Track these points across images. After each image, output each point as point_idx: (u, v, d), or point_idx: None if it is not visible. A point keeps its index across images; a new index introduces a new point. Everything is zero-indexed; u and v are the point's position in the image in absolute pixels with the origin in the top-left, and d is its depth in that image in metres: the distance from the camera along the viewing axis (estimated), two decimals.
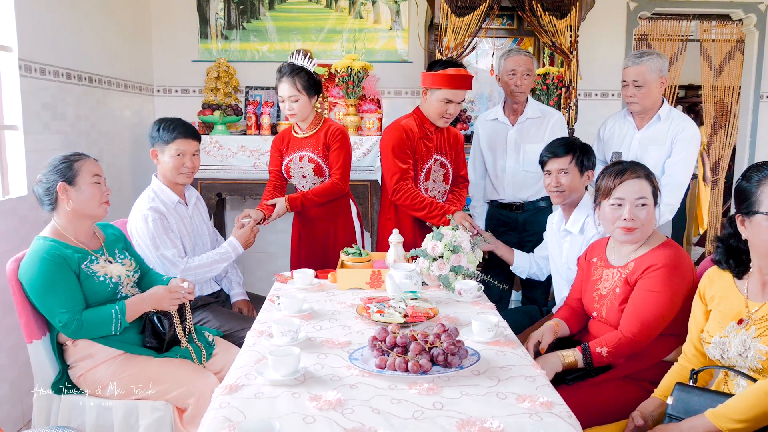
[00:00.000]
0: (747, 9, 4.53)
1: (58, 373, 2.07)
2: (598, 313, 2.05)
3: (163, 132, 2.51)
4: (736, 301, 1.64)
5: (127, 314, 2.03)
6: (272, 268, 4.35)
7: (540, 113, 3.08)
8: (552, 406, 1.35)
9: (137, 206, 2.49)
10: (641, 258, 1.95)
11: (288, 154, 2.91)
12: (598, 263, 2.11)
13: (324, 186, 2.83)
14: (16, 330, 2.57)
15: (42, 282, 1.94)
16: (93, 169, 2.09)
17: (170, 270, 2.42)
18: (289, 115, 2.81)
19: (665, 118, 2.80)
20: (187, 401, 2.02)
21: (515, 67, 2.99)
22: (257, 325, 1.92)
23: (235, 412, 1.33)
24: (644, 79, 2.71)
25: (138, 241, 2.43)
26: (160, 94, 4.37)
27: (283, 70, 2.79)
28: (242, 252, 2.62)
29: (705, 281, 1.76)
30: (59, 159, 2.07)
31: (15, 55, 2.68)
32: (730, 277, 1.69)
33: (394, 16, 4.37)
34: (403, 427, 1.27)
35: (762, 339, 1.53)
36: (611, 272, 2.03)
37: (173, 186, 2.55)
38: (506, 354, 1.67)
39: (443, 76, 2.68)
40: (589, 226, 2.37)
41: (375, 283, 2.30)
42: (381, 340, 1.59)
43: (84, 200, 2.05)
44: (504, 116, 3.11)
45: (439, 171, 2.88)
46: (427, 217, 2.75)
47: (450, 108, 2.72)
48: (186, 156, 2.52)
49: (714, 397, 1.57)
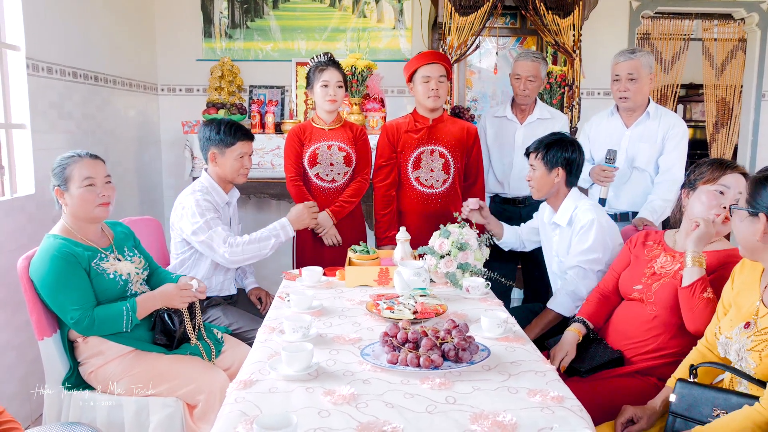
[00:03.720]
0: (749, 8, 4.54)
1: (69, 370, 2.09)
2: (643, 289, 2.01)
3: (225, 135, 2.57)
4: (752, 299, 1.60)
5: (137, 311, 2.05)
6: (275, 266, 4.35)
7: (549, 115, 3.25)
8: (563, 400, 1.37)
9: (184, 192, 2.58)
10: (713, 255, 1.92)
11: (312, 143, 2.98)
12: (654, 246, 2.10)
13: (354, 188, 3.03)
14: (24, 328, 2.59)
15: (53, 279, 1.96)
16: (84, 172, 2.04)
17: (213, 240, 2.45)
18: (331, 101, 2.93)
19: (654, 115, 2.84)
20: (197, 397, 2.04)
21: (520, 72, 3.16)
22: (268, 322, 1.93)
23: (250, 406, 1.34)
24: (639, 73, 2.75)
25: (181, 212, 2.49)
26: (164, 93, 4.38)
27: (321, 61, 2.95)
28: (291, 234, 2.63)
29: (738, 267, 1.72)
30: (57, 162, 2.07)
31: (23, 54, 2.69)
32: (758, 273, 1.63)
33: (398, 15, 4.38)
34: (417, 420, 1.28)
35: (752, 354, 1.50)
36: (672, 256, 2.01)
37: (225, 185, 2.63)
38: (516, 350, 1.69)
39: (415, 58, 2.94)
40: (577, 219, 2.38)
41: (383, 280, 2.31)
42: (392, 336, 1.61)
43: (77, 205, 2.04)
44: (512, 114, 3.27)
45: (437, 161, 2.98)
46: (379, 216, 3.02)
47: (431, 84, 2.87)
48: (245, 157, 2.61)
49: (718, 394, 1.55)
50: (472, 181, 3.10)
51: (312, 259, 2.95)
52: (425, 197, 3.00)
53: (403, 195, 3.04)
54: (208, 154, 2.59)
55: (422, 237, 2.61)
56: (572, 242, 2.40)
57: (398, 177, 3.02)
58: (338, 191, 3.01)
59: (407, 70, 2.96)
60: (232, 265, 2.52)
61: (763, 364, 1.47)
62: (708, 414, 1.54)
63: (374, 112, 4.07)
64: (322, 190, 3.00)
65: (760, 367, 1.48)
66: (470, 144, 3.04)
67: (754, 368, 1.49)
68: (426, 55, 2.93)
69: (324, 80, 2.91)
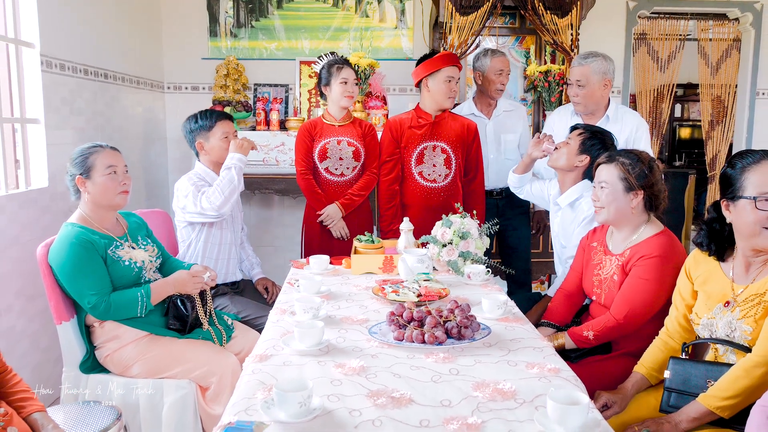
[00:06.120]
0: (743, 8, 4.64)
1: (86, 354, 2.17)
2: (598, 297, 2.15)
3: (203, 120, 2.72)
4: (722, 283, 1.72)
5: (152, 297, 2.13)
6: (279, 262, 4.45)
7: (512, 107, 3.45)
8: (559, 372, 1.46)
9: (180, 180, 2.69)
10: (637, 246, 2.05)
11: (322, 138, 3.10)
12: (598, 248, 2.21)
13: (364, 181, 3.13)
14: (38, 317, 2.67)
15: (72, 265, 2.04)
16: (107, 161, 2.15)
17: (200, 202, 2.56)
18: (348, 97, 3.06)
19: (614, 118, 2.93)
20: (210, 380, 2.12)
21: (503, 67, 3.33)
22: (279, 305, 2.02)
23: (267, 377, 1.43)
24: (586, 80, 2.85)
25: (176, 194, 2.63)
26: (170, 91, 4.47)
27: (339, 59, 3.09)
28: (244, 159, 2.67)
29: (691, 261, 1.85)
30: (78, 152, 2.17)
31: (37, 51, 2.78)
32: (715, 263, 1.77)
33: (400, 14, 4.47)
34: (423, 388, 1.37)
35: (746, 320, 1.62)
36: (609, 259, 2.13)
37: (216, 168, 2.74)
38: (515, 329, 1.78)
39: (439, 58, 3.03)
40: (580, 208, 2.47)
41: (387, 268, 2.40)
42: (398, 315, 1.70)
43: (99, 192, 2.14)
44: (478, 111, 3.43)
45: (439, 156, 3.09)
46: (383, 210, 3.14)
47: (452, 85, 3.02)
48: (230, 136, 2.73)
49: (709, 367, 1.66)
50: (472, 175, 3.20)
51: (320, 252, 3.04)
52: (428, 191, 3.10)
53: (407, 189, 3.13)
54: (196, 145, 2.73)
55: (425, 229, 2.70)
56: (574, 231, 2.49)
57: (401, 172, 3.11)
58: (347, 185, 3.12)
59: (428, 68, 3.02)
60: (220, 209, 2.57)
61: (758, 326, 1.59)
62: (702, 386, 1.64)
63: (377, 110, 4.16)
64: (332, 183, 3.10)
65: (756, 330, 1.59)
66: (470, 140, 3.14)
67: (750, 332, 1.60)
68: (452, 57, 3.05)
69: (343, 77, 3.04)
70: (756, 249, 1.62)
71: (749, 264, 1.67)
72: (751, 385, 1.52)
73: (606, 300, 2.10)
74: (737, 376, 1.55)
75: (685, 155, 8.49)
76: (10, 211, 2.53)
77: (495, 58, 3.33)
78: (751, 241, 1.61)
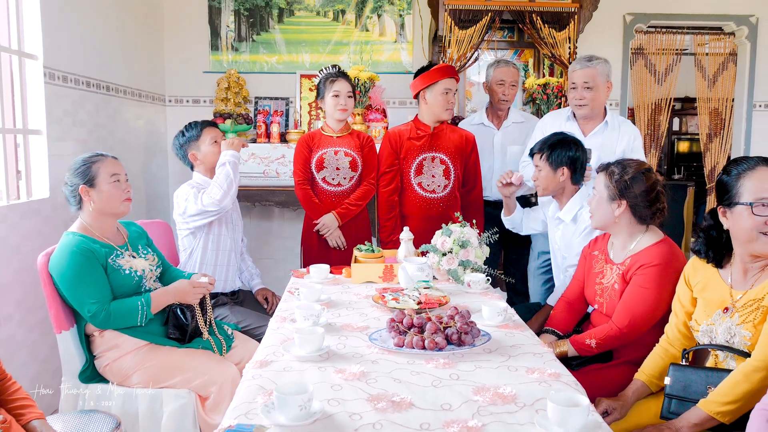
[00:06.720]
0: (739, 21, 4.69)
1: (85, 363, 2.16)
2: (600, 306, 2.15)
3: (189, 132, 2.75)
4: (720, 290, 1.73)
5: (152, 306, 2.13)
6: (279, 274, 4.44)
7: (522, 119, 3.46)
8: (559, 376, 1.46)
9: (179, 188, 2.71)
10: (637, 255, 2.05)
11: (320, 149, 3.12)
12: (599, 257, 2.21)
13: (361, 192, 3.14)
14: (37, 327, 2.67)
15: (72, 274, 2.04)
16: (111, 169, 2.18)
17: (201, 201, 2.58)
18: (342, 110, 3.08)
19: (612, 125, 2.92)
20: (210, 389, 2.11)
21: (504, 78, 3.36)
22: (279, 313, 2.02)
23: (267, 382, 1.43)
24: (594, 82, 2.83)
25: (176, 201, 2.66)
26: (171, 104, 4.50)
27: (332, 73, 3.11)
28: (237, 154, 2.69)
29: (689, 268, 1.86)
30: (80, 161, 2.18)
31: (40, 62, 2.81)
32: (714, 270, 1.78)
33: (399, 29, 4.52)
34: (423, 393, 1.37)
35: (745, 326, 1.62)
36: (610, 267, 2.14)
37: (213, 175, 2.75)
38: (515, 335, 1.78)
39: (437, 70, 3.03)
40: (582, 218, 2.48)
41: (387, 276, 2.41)
42: (399, 322, 1.70)
43: (104, 200, 2.15)
44: (489, 121, 3.47)
45: (438, 167, 3.11)
46: (383, 221, 3.14)
47: (450, 97, 3.04)
48: (219, 139, 2.77)
49: (709, 373, 1.65)
50: (470, 186, 3.21)
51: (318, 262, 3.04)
52: (427, 202, 3.11)
53: (406, 199, 3.14)
54: (189, 157, 2.76)
55: (424, 240, 2.70)
56: (574, 241, 2.50)
57: (401, 182, 3.13)
58: (344, 195, 3.13)
59: (425, 80, 3.04)
60: (221, 202, 2.58)
61: (757, 331, 1.59)
62: (702, 392, 1.64)
63: (376, 122, 4.19)
64: (329, 193, 3.11)
65: (755, 335, 1.59)
66: (468, 151, 3.16)
67: (750, 338, 1.61)
68: (449, 69, 3.06)
69: (335, 90, 3.06)
70: (753, 254, 1.63)
71: (747, 270, 1.68)
72: (751, 390, 1.52)
73: (608, 309, 2.10)
74: (737, 381, 1.55)
75: (684, 168, 8.53)
76: (11, 221, 2.54)
77: (498, 68, 3.36)
78: (748, 247, 1.62)
